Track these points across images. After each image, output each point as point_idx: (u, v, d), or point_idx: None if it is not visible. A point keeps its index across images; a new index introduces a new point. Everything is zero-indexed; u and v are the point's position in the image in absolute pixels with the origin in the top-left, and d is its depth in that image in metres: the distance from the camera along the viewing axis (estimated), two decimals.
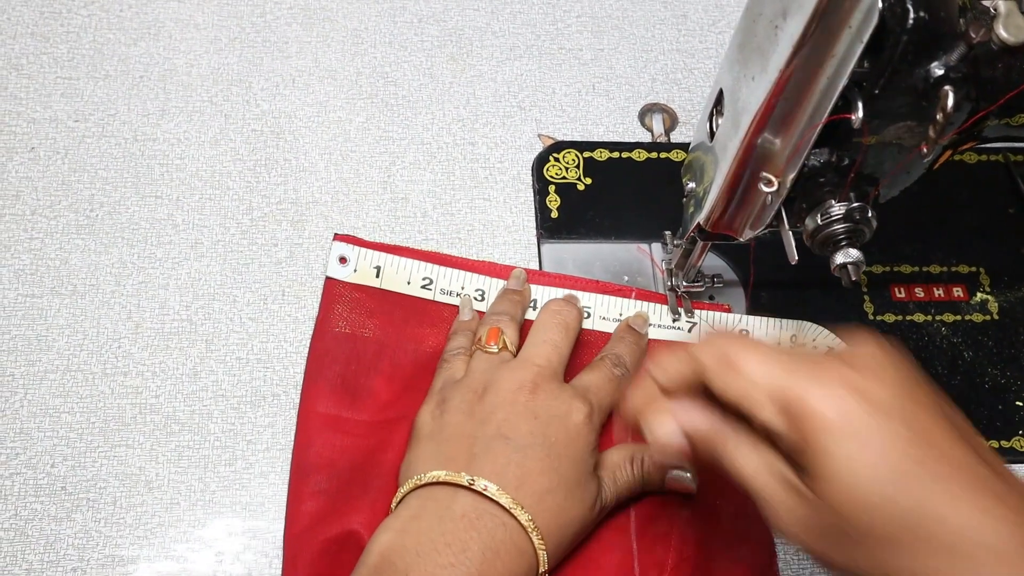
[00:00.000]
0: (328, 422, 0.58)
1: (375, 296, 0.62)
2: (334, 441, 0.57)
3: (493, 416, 0.53)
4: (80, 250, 0.63)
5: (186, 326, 0.61)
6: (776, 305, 0.66)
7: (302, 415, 0.59)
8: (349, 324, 0.61)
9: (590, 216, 0.68)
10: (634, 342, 0.61)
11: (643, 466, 0.56)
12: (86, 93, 0.68)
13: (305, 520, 0.55)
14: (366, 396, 0.59)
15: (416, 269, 0.63)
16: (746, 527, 0.57)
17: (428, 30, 0.74)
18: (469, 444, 0.52)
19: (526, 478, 0.50)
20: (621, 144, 0.71)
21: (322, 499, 0.56)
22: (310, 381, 0.59)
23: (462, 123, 0.71)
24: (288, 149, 0.68)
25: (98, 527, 0.55)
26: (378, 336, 0.61)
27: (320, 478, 0.56)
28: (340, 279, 0.62)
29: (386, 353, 0.61)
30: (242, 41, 0.71)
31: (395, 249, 0.64)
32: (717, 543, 0.57)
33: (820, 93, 0.45)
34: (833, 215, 0.49)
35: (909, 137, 0.46)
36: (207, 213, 0.65)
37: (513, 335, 0.58)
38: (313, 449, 0.57)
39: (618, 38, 0.75)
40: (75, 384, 0.59)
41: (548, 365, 0.55)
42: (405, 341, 0.61)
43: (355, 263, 0.63)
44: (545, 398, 0.54)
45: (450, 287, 0.63)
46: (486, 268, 0.64)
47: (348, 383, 0.59)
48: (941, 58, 0.43)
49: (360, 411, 0.59)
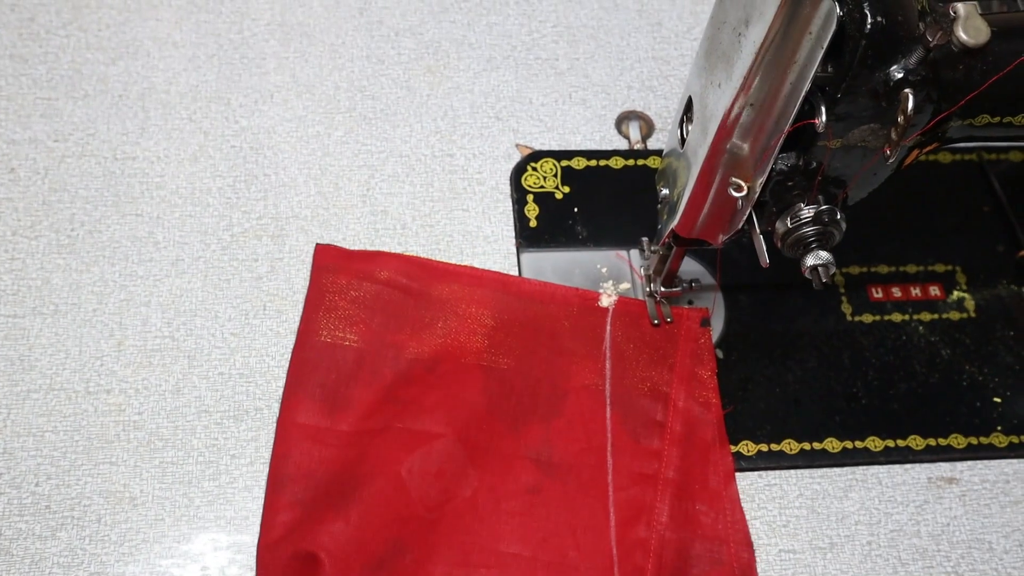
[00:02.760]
0: (307, 433, 0.58)
1: (356, 302, 0.62)
2: (312, 452, 0.58)
3: None
4: (61, 269, 0.63)
5: (168, 343, 0.62)
6: (754, 308, 0.67)
7: (281, 426, 0.59)
8: (330, 333, 0.61)
9: (569, 224, 0.69)
10: None
11: None
12: (65, 113, 0.68)
13: (280, 530, 0.56)
14: (346, 406, 0.60)
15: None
16: (725, 528, 0.58)
17: (405, 43, 0.74)
18: None
19: None
20: (598, 152, 0.71)
21: (299, 509, 0.56)
22: (290, 392, 0.60)
23: (440, 135, 0.71)
24: (267, 164, 0.68)
25: (83, 545, 0.56)
26: (358, 345, 0.61)
27: (296, 488, 0.57)
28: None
29: (366, 362, 0.61)
30: (220, 58, 0.72)
31: (378, 254, 0.65)
32: (696, 546, 0.57)
33: (784, 98, 0.45)
34: (802, 218, 0.49)
35: (873, 139, 0.46)
36: (188, 230, 0.65)
37: None
38: (291, 460, 0.58)
39: (594, 47, 0.76)
40: (58, 403, 0.59)
41: None
42: (385, 349, 0.62)
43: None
44: None
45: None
46: (467, 273, 0.64)
47: (328, 393, 0.60)
48: (900, 61, 0.44)
49: (339, 421, 0.59)
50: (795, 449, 0.63)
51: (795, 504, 0.62)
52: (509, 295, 0.64)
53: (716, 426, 0.62)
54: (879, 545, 0.61)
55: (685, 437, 0.61)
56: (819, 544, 0.60)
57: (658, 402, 0.62)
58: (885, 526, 0.61)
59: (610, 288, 0.66)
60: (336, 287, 0.63)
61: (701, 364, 0.64)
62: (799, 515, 0.61)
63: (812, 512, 0.61)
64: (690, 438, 0.61)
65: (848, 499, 0.62)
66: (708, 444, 0.61)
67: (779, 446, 0.63)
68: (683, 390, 0.63)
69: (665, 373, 0.63)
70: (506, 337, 0.63)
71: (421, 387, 0.61)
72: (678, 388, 0.63)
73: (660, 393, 0.63)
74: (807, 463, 0.63)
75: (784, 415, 0.64)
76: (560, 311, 0.64)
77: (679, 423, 0.62)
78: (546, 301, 0.64)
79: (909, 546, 0.61)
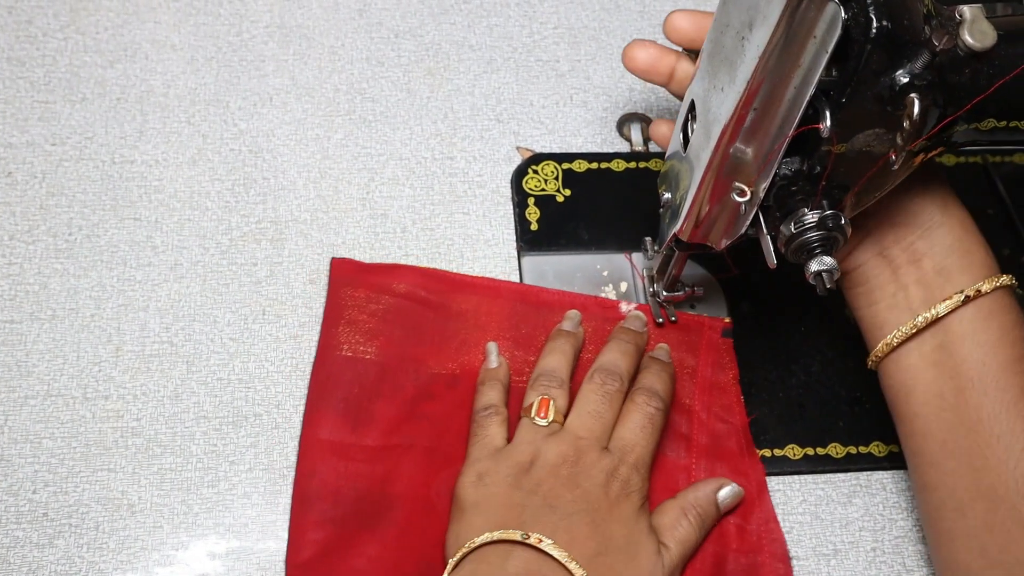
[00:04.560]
0: (332, 448, 0.58)
1: (376, 315, 0.62)
2: (338, 468, 0.57)
3: (539, 487, 0.54)
4: (59, 274, 0.63)
5: (167, 348, 0.61)
6: (757, 313, 0.66)
7: (304, 442, 0.58)
8: (351, 348, 0.61)
9: (570, 227, 0.68)
10: (663, 369, 0.61)
11: (697, 510, 0.57)
12: (63, 116, 0.68)
13: (312, 548, 0.55)
14: (369, 421, 0.59)
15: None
16: (759, 539, 0.58)
17: (405, 45, 0.74)
18: (519, 512, 0.53)
19: (574, 542, 0.51)
20: (600, 155, 0.71)
21: (329, 528, 0.56)
22: (312, 407, 0.59)
23: (440, 137, 0.71)
24: (266, 168, 0.68)
25: (81, 552, 0.55)
26: (379, 359, 0.61)
27: (325, 506, 0.56)
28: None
29: (388, 376, 0.60)
30: (219, 61, 0.71)
31: (396, 267, 0.64)
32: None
33: (788, 103, 0.45)
34: (806, 223, 0.49)
35: (878, 144, 0.46)
36: (186, 234, 0.65)
37: (563, 402, 0.58)
38: (317, 477, 0.57)
39: (595, 48, 0.75)
40: (56, 409, 0.59)
41: (590, 436, 0.56)
42: (406, 363, 0.61)
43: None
44: (586, 466, 0.54)
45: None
46: (485, 285, 0.64)
47: (351, 408, 0.59)
48: (906, 66, 0.43)
49: (364, 436, 0.58)
50: (799, 454, 0.62)
51: (799, 510, 0.61)
52: (528, 305, 0.64)
53: (742, 434, 0.61)
54: (883, 551, 0.60)
55: (711, 449, 0.61)
56: (823, 551, 0.60)
57: (682, 415, 0.62)
58: (889, 532, 0.61)
59: (610, 291, 0.65)
60: (355, 301, 0.62)
61: (723, 372, 0.63)
62: (803, 521, 0.61)
63: (816, 518, 0.61)
64: (717, 450, 0.61)
65: (852, 505, 0.61)
66: (736, 454, 0.61)
67: (782, 451, 0.62)
68: (706, 401, 0.62)
69: (687, 384, 0.62)
70: (526, 351, 0.62)
71: (443, 404, 0.60)
72: (701, 399, 0.62)
73: (683, 405, 0.62)
74: (810, 468, 0.62)
75: (788, 420, 0.63)
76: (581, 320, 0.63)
77: (704, 435, 0.61)
78: (565, 310, 0.64)
79: (914, 552, 0.60)
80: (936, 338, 0.53)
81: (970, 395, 0.51)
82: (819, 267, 0.49)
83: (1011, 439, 0.50)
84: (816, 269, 0.49)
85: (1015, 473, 0.50)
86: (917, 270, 0.53)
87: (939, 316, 0.52)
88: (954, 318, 0.52)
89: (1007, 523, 0.50)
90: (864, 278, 0.55)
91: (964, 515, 0.52)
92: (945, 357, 0.52)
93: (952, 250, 0.53)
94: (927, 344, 0.53)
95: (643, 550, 0.53)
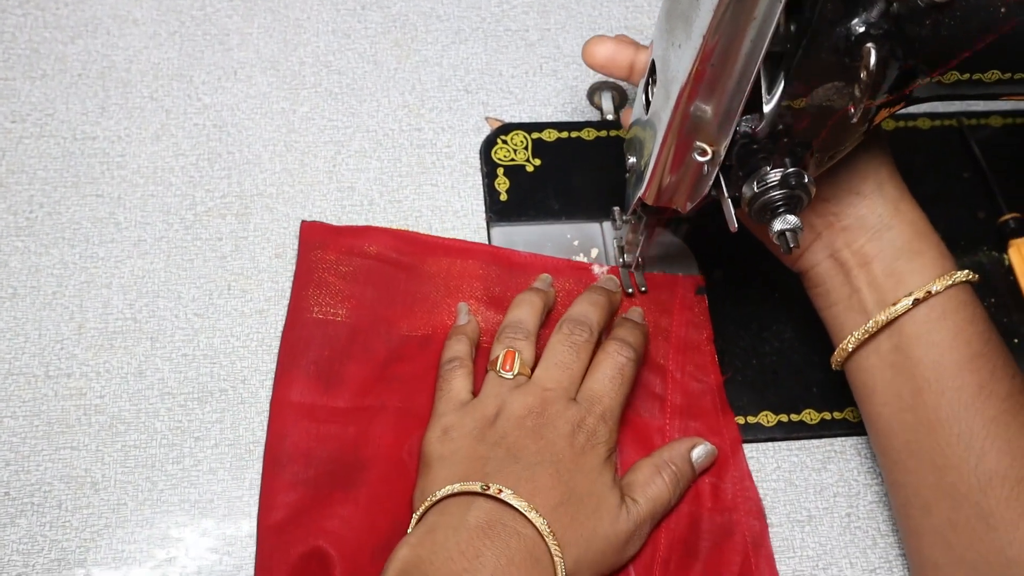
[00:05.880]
0: (303, 411, 0.57)
1: (347, 277, 0.61)
2: (310, 429, 0.57)
3: (504, 439, 0.53)
4: (20, 252, 0.62)
5: (130, 324, 0.60)
6: (729, 280, 0.66)
7: (275, 405, 0.58)
8: (321, 310, 0.60)
9: (540, 197, 0.67)
10: (635, 326, 0.60)
11: (671, 467, 0.56)
12: (23, 93, 0.67)
13: (284, 510, 0.55)
14: (340, 383, 0.58)
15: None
16: (734, 497, 0.58)
17: (371, 16, 0.73)
18: (482, 464, 0.52)
19: (536, 493, 0.51)
20: (570, 124, 0.70)
21: (301, 489, 0.55)
22: (283, 370, 0.59)
23: (408, 109, 0.70)
24: (231, 142, 0.67)
25: (43, 531, 0.55)
26: (350, 321, 0.60)
27: (297, 468, 0.56)
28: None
29: (359, 338, 0.60)
30: (182, 35, 0.70)
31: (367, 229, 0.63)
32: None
33: (745, 57, 0.44)
34: (769, 182, 0.48)
35: (838, 99, 0.45)
36: (149, 210, 0.64)
37: (529, 355, 0.57)
38: (289, 439, 0.57)
39: (564, 17, 0.74)
40: (17, 388, 0.58)
41: (558, 387, 0.55)
42: (377, 324, 0.60)
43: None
44: (551, 417, 0.54)
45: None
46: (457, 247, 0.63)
47: (322, 370, 0.59)
48: (862, 15, 0.42)
49: (335, 398, 0.58)
50: (772, 421, 0.62)
51: (772, 477, 0.60)
52: (500, 267, 0.63)
53: (717, 393, 0.61)
54: (858, 517, 0.60)
55: (686, 408, 0.60)
56: (797, 517, 0.59)
57: (656, 375, 0.61)
58: (864, 497, 0.60)
59: (581, 260, 0.65)
60: (325, 263, 0.62)
61: (697, 331, 0.63)
62: (777, 488, 0.60)
63: (790, 484, 0.60)
64: (691, 409, 0.60)
65: (826, 471, 0.61)
66: (710, 413, 0.60)
67: (756, 418, 0.62)
68: (680, 360, 0.62)
69: (661, 344, 0.62)
70: (497, 311, 0.62)
71: (415, 365, 0.60)
72: (675, 359, 0.62)
73: (657, 365, 0.61)
74: (784, 435, 0.62)
75: (761, 387, 0.63)
76: (553, 282, 0.63)
77: (679, 395, 0.61)
78: (537, 272, 0.63)
79: (888, 517, 0.60)
80: (891, 340, 0.53)
81: (927, 396, 0.51)
82: (783, 226, 0.48)
83: (971, 438, 0.50)
84: (780, 228, 0.48)
85: (976, 471, 0.50)
86: (867, 273, 0.53)
87: (892, 319, 0.52)
88: (907, 320, 0.52)
89: (971, 521, 0.50)
90: (820, 279, 0.56)
91: (930, 513, 0.52)
92: (902, 359, 0.52)
93: (902, 252, 0.53)
94: (884, 346, 0.53)
95: (606, 501, 0.53)
